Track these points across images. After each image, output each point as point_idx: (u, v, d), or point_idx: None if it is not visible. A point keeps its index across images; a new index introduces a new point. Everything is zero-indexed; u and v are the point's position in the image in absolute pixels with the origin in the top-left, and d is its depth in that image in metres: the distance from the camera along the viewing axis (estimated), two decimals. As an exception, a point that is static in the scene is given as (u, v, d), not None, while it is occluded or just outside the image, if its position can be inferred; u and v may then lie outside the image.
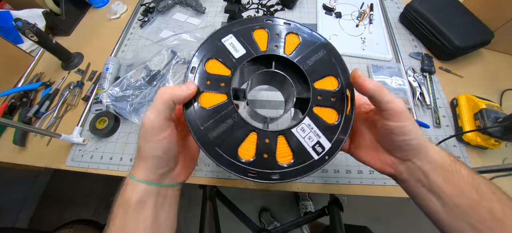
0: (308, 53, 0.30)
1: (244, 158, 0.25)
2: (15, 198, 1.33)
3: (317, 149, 0.26)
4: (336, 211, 0.63)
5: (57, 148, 0.57)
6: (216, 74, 0.28)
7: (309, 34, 0.31)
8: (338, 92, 0.29)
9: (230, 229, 1.11)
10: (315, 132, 0.27)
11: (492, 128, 0.47)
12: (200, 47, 0.29)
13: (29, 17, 0.70)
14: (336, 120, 0.28)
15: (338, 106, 0.28)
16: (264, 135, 0.26)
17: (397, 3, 0.81)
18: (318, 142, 0.26)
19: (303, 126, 0.27)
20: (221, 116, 0.26)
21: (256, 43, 0.30)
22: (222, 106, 0.26)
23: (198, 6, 0.80)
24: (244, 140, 0.26)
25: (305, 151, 0.26)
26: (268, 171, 0.25)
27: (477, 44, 0.61)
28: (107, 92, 0.57)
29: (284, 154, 0.26)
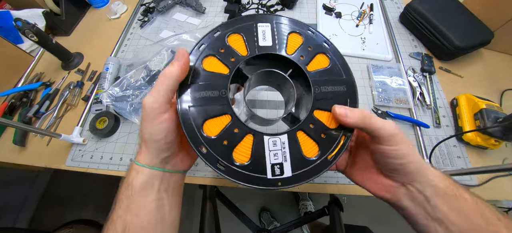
0: (325, 75, 0.29)
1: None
2: (15, 198, 1.33)
3: (275, 170, 0.24)
4: (336, 211, 0.63)
5: (57, 148, 0.57)
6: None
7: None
8: (332, 132, 0.27)
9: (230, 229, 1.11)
10: (284, 153, 0.25)
11: (492, 128, 0.47)
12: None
13: (29, 17, 0.70)
14: (315, 156, 0.25)
15: (324, 144, 0.26)
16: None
17: (397, 3, 0.81)
18: (281, 164, 0.25)
19: (276, 140, 0.25)
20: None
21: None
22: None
23: (198, 6, 0.80)
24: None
25: (262, 163, 0.25)
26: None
27: (477, 44, 0.61)
28: (107, 92, 0.57)
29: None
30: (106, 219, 0.26)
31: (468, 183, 0.49)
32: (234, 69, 0.28)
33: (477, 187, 0.49)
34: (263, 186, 0.24)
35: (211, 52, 0.28)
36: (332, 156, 0.25)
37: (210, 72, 0.27)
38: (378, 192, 0.26)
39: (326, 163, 0.25)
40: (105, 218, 0.26)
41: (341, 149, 0.26)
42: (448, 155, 0.52)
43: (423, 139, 0.53)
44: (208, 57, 0.28)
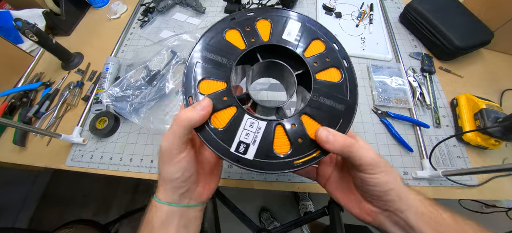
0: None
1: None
2: (15, 198, 1.33)
3: (239, 147, 0.25)
4: (336, 211, 0.63)
5: (57, 148, 0.57)
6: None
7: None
8: (309, 142, 0.26)
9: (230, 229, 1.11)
10: (255, 137, 0.25)
11: (492, 128, 0.47)
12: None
13: (29, 17, 0.70)
14: (283, 154, 0.25)
15: (297, 148, 0.26)
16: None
17: (397, 3, 0.81)
18: (247, 145, 0.25)
19: (254, 123, 0.26)
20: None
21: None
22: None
23: (198, 6, 0.80)
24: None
25: (232, 136, 0.25)
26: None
27: (477, 44, 0.61)
28: (107, 92, 0.57)
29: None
30: (105, 219, 0.26)
31: (468, 183, 0.49)
32: (251, 47, 0.29)
33: (477, 187, 0.49)
34: (221, 154, 0.24)
35: (237, 27, 0.30)
36: (299, 163, 0.25)
37: (228, 42, 0.29)
38: (359, 215, 0.26)
39: (290, 165, 0.25)
40: (105, 218, 0.26)
41: (309, 161, 0.25)
42: (448, 155, 0.52)
43: (423, 139, 0.53)
44: (232, 29, 0.30)
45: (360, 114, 0.58)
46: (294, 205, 1.31)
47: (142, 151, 0.55)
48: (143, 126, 0.56)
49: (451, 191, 0.49)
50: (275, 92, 0.61)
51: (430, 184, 0.49)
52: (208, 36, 0.30)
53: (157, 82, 0.60)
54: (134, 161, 0.54)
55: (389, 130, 0.55)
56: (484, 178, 0.49)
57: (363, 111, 0.59)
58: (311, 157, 0.25)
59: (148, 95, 0.58)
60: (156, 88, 0.58)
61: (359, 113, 0.58)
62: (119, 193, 1.33)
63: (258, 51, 0.30)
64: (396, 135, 0.54)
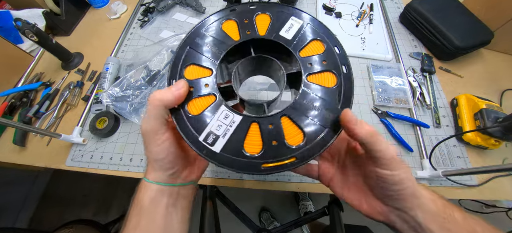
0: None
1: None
2: (15, 198, 1.33)
3: (208, 138, 0.24)
4: (336, 211, 0.63)
5: (57, 148, 0.57)
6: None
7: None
8: (285, 148, 0.24)
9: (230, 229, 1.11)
10: (226, 130, 0.24)
11: (492, 128, 0.47)
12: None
13: (29, 17, 0.70)
14: (251, 154, 0.24)
15: (268, 151, 0.24)
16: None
17: (397, 3, 0.81)
18: (217, 137, 0.24)
19: (229, 116, 0.25)
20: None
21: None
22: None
23: (198, 6, 0.80)
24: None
25: (203, 125, 0.24)
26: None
27: (477, 44, 0.61)
28: (107, 92, 0.57)
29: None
30: (105, 219, 0.26)
31: (468, 183, 0.49)
32: (244, 40, 0.28)
33: (477, 187, 0.49)
34: (188, 141, 0.24)
35: (236, 18, 0.29)
36: (267, 167, 0.23)
37: (223, 32, 0.29)
38: (370, 214, 0.26)
39: (256, 168, 0.23)
40: (105, 218, 0.26)
41: (280, 167, 0.23)
42: (448, 155, 0.52)
43: (423, 139, 0.53)
44: (230, 20, 0.29)
45: (360, 114, 0.58)
46: (294, 205, 1.31)
47: (142, 151, 0.55)
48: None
49: (451, 191, 0.49)
50: (275, 92, 0.61)
51: (430, 184, 0.49)
52: (205, 24, 0.30)
53: (157, 82, 0.60)
54: (134, 161, 0.54)
55: (389, 130, 0.55)
56: (484, 178, 0.49)
57: (363, 111, 0.59)
58: (283, 163, 0.23)
59: (148, 95, 0.58)
60: (156, 88, 0.58)
61: (359, 113, 0.58)
62: (119, 193, 1.33)
63: (252, 44, 0.29)
64: (396, 135, 0.54)
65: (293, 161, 0.23)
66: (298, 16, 0.30)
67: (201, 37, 0.29)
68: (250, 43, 0.29)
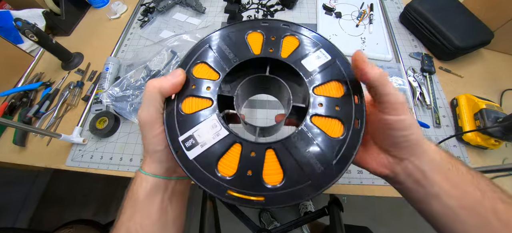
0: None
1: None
2: (15, 198, 1.33)
3: (187, 141, 0.23)
4: (336, 211, 0.63)
5: (57, 148, 0.57)
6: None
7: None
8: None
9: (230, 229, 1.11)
10: (207, 140, 0.23)
11: (492, 128, 0.47)
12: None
13: (29, 17, 0.70)
14: (224, 175, 0.22)
15: (242, 179, 0.22)
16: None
17: (397, 3, 0.81)
18: (195, 143, 0.23)
19: (217, 127, 0.23)
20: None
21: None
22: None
23: (198, 6, 0.80)
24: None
25: (189, 125, 0.23)
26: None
27: (477, 44, 0.61)
28: (107, 92, 0.57)
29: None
30: (105, 219, 0.26)
31: (468, 183, 0.49)
32: (265, 56, 0.26)
33: (477, 187, 0.49)
34: (168, 136, 0.23)
35: (263, 31, 0.28)
36: (231, 195, 0.21)
37: (246, 42, 0.28)
38: (377, 169, 0.25)
39: (220, 191, 0.21)
40: (105, 218, 0.26)
41: (244, 202, 0.21)
42: (448, 155, 0.52)
43: (423, 139, 0.53)
44: (257, 32, 0.28)
45: (360, 114, 0.58)
46: (294, 205, 1.31)
47: (142, 151, 0.55)
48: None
49: (451, 191, 0.49)
50: (274, 112, 0.60)
51: (430, 184, 0.49)
52: (232, 29, 0.29)
53: (157, 82, 0.59)
54: (134, 161, 0.54)
55: (389, 130, 0.55)
56: (484, 178, 0.49)
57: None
58: (248, 198, 0.21)
59: (148, 95, 0.58)
60: (156, 88, 0.58)
61: (359, 113, 0.58)
62: (119, 193, 1.33)
63: (270, 63, 0.27)
64: (396, 135, 0.53)
65: (260, 201, 0.21)
66: (330, 51, 0.27)
67: (222, 39, 0.28)
68: (269, 62, 0.27)
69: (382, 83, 0.21)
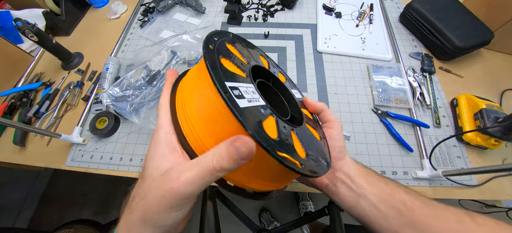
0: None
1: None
2: (15, 198, 1.33)
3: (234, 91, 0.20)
4: (336, 211, 0.63)
5: (57, 148, 0.57)
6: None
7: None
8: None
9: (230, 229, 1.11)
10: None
11: (492, 128, 0.47)
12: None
13: (29, 17, 0.70)
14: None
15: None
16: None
17: (397, 3, 0.81)
18: (241, 94, 0.21)
19: (253, 90, 0.23)
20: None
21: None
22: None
23: (198, 6, 0.80)
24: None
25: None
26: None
27: (477, 44, 0.61)
28: (107, 92, 0.57)
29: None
30: (105, 219, 0.24)
31: (468, 183, 0.49)
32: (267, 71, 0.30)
33: (477, 187, 0.49)
34: (214, 77, 0.18)
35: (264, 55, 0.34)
36: (281, 155, 0.19)
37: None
38: (321, 180, 0.31)
39: (273, 148, 0.18)
40: (105, 218, 0.25)
41: (291, 164, 0.19)
42: (448, 155, 0.52)
43: (423, 139, 0.53)
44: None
45: (360, 114, 0.58)
46: (294, 205, 1.31)
47: (142, 151, 0.55)
48: (143, 126, 0.56)
49: (451, 191, 0.49)
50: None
51: (430, 184, 0.49)
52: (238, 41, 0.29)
53: (157, 82, 0.59)
54: (134, 161, 0.54)
55: (389, 130, 0.55)
56: (484, 178, 0.49)
57: (363, 111, 0.59)
58: (293, 161, 0.20)
59: (148, 95, 0.58)
60: (156, 88, 0.58)
61: (359, 113, 0.58)
62: (119, 193, 1.33)
63: (272, 78, 0.32)
64: (396, 135, 0.54)
65: (298, 167, 0.20)
66: (301, 92, 0.36)
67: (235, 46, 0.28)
68: (272, 77, 0.32)
69: (324, 110, 0.32)
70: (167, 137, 0.19)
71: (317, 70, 0.66)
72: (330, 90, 0.62)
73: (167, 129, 0.20)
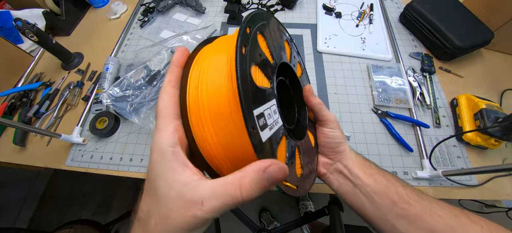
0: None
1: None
2: (15, 198, 1.33)
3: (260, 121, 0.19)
4: (336, 211, 0.63)
5: (57, 148, 0.57)
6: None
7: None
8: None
9: (230, 229, 1.11)
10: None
11: (492, 128, 0.47)
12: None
13: (29, 17, 0.70)
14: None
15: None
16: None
17: (397, 3, 0.81)
18: (265, 124, 0.19)
19: (274, 109, 0.21)
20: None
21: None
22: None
23: (198, 6, 0.80)
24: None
25: None
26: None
27: (477, 44, 0.61)
28: (107, 92, 0.57)
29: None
30: (105, 219, 0.24)
31: (468, 183, 0.49)
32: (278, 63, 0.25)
33: (477, 187, 0.49)
34: (244, 106, 0.16)
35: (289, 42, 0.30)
36: (286, 185, 0.21)
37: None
38: (319, 170, 0.33)
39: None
40: (105, 218, 0.25)
41: (289, 190, 0.22)
42: (448, 155, 0.52)
43: (423, 139, 0.53)
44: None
45: (360, 114, 0.58)
46: (294, 205, 1.31)
47: (142, 151, 0.55)
48: (143, 126, 0.56)
49: (451, 191, 0.49)
50: None
51: (430, 184, 0.49)
52: (275, 25, 0.27)
53: (157, 82, 0.59)
54: (134, 161, 0.54)
55: (389, 130, 0.55)
56: (484, 178, 0.49)
57: (363, 111, 0.59)
58: (293, 187, 0.22)
59: (148, 95, 0.58)
60: (156, 88, 0.58)
61: (359, 113, 0.58)
62: (119, 193, 1.33)
63: (291, 75, 0.31)
64: (396, 135, 0.54)
65: (294, 189, 0.22)
66: None
67: (273, 30, 0.25)
68: (290, 74, 0.31)
69: (320, 108, 0.31)
70: (174, 150, 0.17)
71: (317, 70, 0.66)
72: (330, 90, 0.62)
73: (170, 139, 0.18)
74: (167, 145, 0.17)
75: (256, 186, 0.16)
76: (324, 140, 0.32)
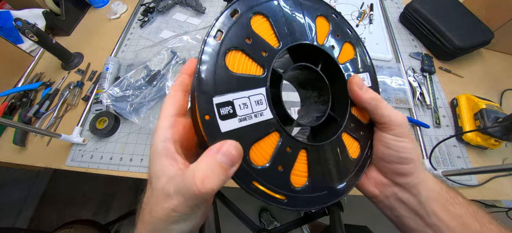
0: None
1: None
2: (15, 198, 1.33)
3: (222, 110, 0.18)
4: (336, 211, 0.63)
5: (57, 148, 0.57)
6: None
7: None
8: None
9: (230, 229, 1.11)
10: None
11: (492, 128, 0.47)
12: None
13: (29, 17, 0.70)
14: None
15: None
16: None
17: (397, 3, 0.81)
18: (233, 112, 0.18)
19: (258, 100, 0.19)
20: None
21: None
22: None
23: (198, 6, 0.80)
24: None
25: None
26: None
27: (477, 44, 0.61)
28: (107, 92, 0.57)
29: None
30: (105, 219, 0.24)
31: (468, 183, 0.49)
32: (320, 46, 0.23)
33: (477, 187, 0.49)
34: (197, 91, 0.17)
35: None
36: (255, 187, 0.18)
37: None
38: (366, 186, 0.24)
39: (246, 180, 0.18)
40: (105, 218, 0.25)
41: (266, 198, 0.19)
42: (448, 155, 0.52)
43: (423, 139, 0.53)
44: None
45: (360, 114, 0.58)
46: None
47: (142, 151, 0.55)
48: (143, 126, 0.56)
49: (451, 191, 0.49)
50: None
51: (430, 184, 0.49)
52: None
53: (157, 82, 0.60)
54: (134, 161, 0.54)
55: (389, 130, 0.55)
56: (484, 178, 0.49)
57: (363, 111, 0.59)
58: (271, 194, 0.19)
59: (148, 95, 0.58)
60: (156, 88, 0.58)
61: (359, 113, 0.58)
62: (119, 193, 1.33)
63: (323, 60, 0.25)
64: (396, 135, 0.53)
65: (281, 200, 0.19)
66: (373, 80, 0.26)
67: (295, 4, 0.22)
68: (323, 59, 0.24)
69: (374, 105, 0.22)
70: (165, 145, 0.17)
71: (317, 70, 0.66)
72: (330, 90, 0.62)
73: (162, 135, 0.18)
74: (159, 140, 0.18)
75: (212, 172, 0.14)
76: (383, 150, 0.22)
